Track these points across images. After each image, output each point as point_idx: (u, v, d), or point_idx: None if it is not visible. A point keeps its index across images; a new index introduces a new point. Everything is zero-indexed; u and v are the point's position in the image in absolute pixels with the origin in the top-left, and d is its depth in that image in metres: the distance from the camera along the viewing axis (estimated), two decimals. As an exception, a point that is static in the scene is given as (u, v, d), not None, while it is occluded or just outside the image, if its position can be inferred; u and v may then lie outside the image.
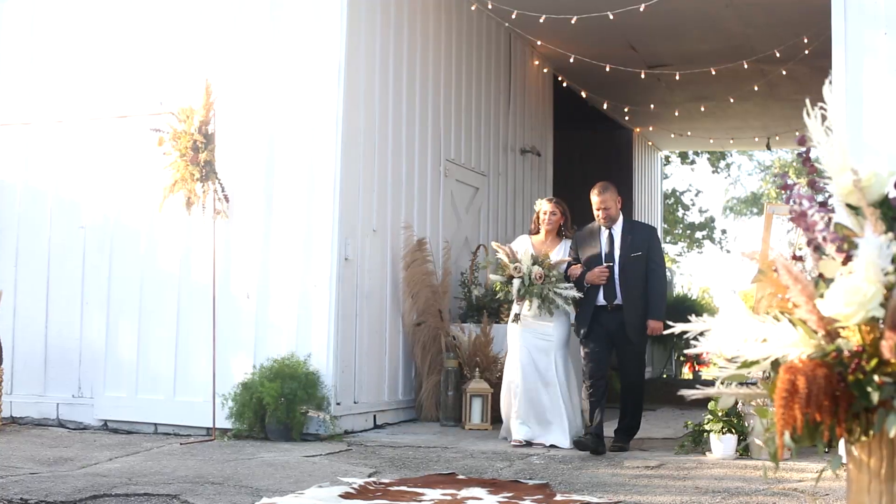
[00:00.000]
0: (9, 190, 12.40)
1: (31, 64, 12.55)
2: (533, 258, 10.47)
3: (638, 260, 10.23)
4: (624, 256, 10.24)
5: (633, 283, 10.22)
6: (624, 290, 10.20)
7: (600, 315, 10.28)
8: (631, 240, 10.31)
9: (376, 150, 11.98)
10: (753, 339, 3.68)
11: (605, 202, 10.34)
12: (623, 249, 10.27)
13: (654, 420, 13.22)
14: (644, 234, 10.54)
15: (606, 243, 10.37)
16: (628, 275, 10.21)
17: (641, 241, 10.35)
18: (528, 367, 10.58)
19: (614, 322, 10.23)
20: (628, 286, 10.20)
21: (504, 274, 10.51)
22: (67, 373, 12.04)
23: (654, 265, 10.32)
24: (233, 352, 11.23)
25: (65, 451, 9.83)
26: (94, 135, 12.15)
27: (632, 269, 10.22)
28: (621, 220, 10.49)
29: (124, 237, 11.89)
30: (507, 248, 10.64)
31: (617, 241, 10.32)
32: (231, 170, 11.26)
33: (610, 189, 10.44)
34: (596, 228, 10.47)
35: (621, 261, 10.23)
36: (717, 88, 18.44)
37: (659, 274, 10.36)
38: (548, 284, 10.39)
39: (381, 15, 12.21)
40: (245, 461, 9.19)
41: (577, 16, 13.54)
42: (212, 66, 11.49)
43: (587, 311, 10.35)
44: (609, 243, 10.35)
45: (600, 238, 10.41)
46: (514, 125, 16.51)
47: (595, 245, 10.42)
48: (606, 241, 10.37)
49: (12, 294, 12.14)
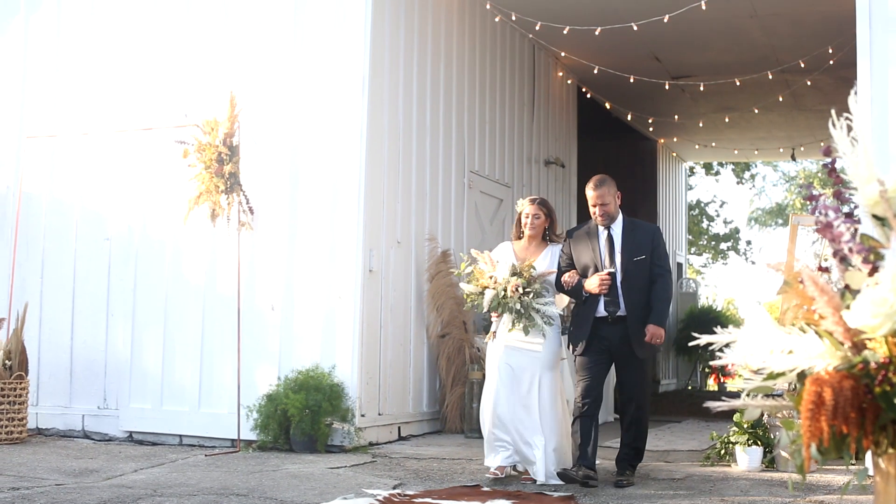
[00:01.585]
0: (35, 202, 12.45)
1: (57, 76, 12.61)
2: (513, 268, 9.03)
3: (641, 264, 8.93)
4: (626, 261, 8.93)
5: (637, 290, 8.90)
6: (627, 299, 8.88)
7: (600, 328, 8.94)
8: (633, 241, 9.00)
9: (400, 162, 11.99)
10: (779, 350, 3.66)
11: (603, 197, 8.98)
12: (625, 252, 8.95)
13: (680, 432, 13.18)
14: (647, 235, 9.12)
15: (606, 246, 9.00)
16: (632, 282, 8.90)
17: (645, 243, 9.02)
18: (506, 388, 9.10)
19: (616, 335, 8.90)
20: (632, 294, 8.88)
21: (478, 284, 9.14)
22: (93, 384, 12.08)
23: (659, 269, 8.99)
24: (257, 363, 11.25)
25: (90, 463, 9.86)
26: (120, 147, 12.20)
27: (635, 274, 8.91)
28: (621, 218, 9.13)
29: (149, 249, 11.93)
30: (487, 256, 9.27)
31: (618, 244, 8.99)
32: (256, 181, 11.29)
33: (607, 182, 9.10)
34: (593, 228, 9.08)
35: (623, 265, 8.92)
36: (742, 99, 18.40)
37: (665, 279, 9.00)
38: (525, 298, 8.91)
39: (405, 27, 12.22)
40: (270, 473, 9.19)
41: (600, 27, 13.53)
42: (236, 78, 11.53)
43: (585, 323, 8.98)
44: (609, 246, 8.99)
45: (598, 240, 9.03)
46: (539, 136, 16.50)
47: (592, 248, 9.02)
48: (605, 244, 9.00)
49: (38, 305, 12.19)
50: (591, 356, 8.96)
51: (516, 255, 9.28)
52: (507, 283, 8.92)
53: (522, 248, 9.36)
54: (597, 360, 8.97)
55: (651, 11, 13.24)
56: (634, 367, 9.00)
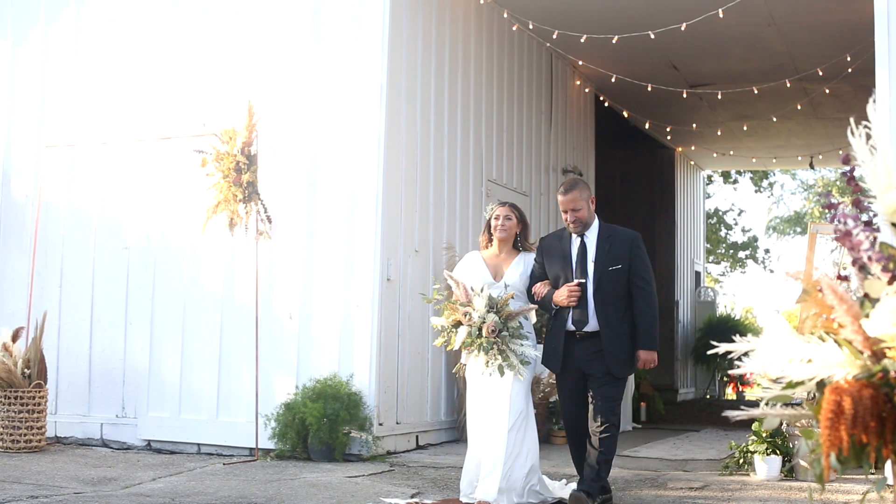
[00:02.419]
0: (54, 211, 12.49)
1: (76, 86, 12.65)
2: (490, 303, 8.04)
3: (618, 274, 8.11)
4: (600, 270, 8.10)
5: (612, 303, 8.09)
6: (600, 312, 8.07)
7: (569, 344, 8.18)
8: (609, 249, 8.17)
9: (418, 171, 12.00)
10: (798, 359, 3.66)
11: (574, 202, 8.14)
12: (599, 261, 8.13)
13: (698, 441, 13.16)
14: (625, 243, 8.25)
15: (578, 254, 8.19)
16: (605, 293, 8.09)
17: (622, 251, 8.18)
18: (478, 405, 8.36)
19: (586, 353, 8.11)
20: (606, 308, 8.08)
21: (450, 318, 8.16)
22: (111, 393, 12.10)
23: (639, 281, 8.17)
24: (275, 372, 11.26)
25: (109, 471, 9.88)
26: (138, 156, 12.23)
27: (610, 285, 8.09)
28: (597, 224, 8.31)
29: (168, 258, 11.96)
30: (462, 285, 8.18)
31: (591, 252, 8.17)
32: (273, 190, 11.30)
33: (579, 186, 8.27)
34: (566, 235, 8.31)
35: (596, 276, 8.10)
36: (760, 107, 18.37)
37: (646, 292, 8.18)
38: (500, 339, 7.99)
39: (423, 36, 12.24)
40: (288, 482, 9.20)
41: (618, 35, 13.53)
42: (254, 88, 11.56)
43: (556, 339, 8.24)
44: (581, 254, 8.19)
45: (570, 247, 8.24)
46: (556, 145, 16.49)
47: (564, 256, 8.23)
48: (578, 252, 8.19)
49: (57, 314, 12.22)
50: (567, 381, 8.31)
51: (486, 265, 8.45)
52: (483, 320, 7.97)
53: (492, 257, 8.52)
54: (573, 383, 8.27)
55: (669, 20, 13.23)
56: (606, 383, 8.12)
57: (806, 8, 14.03)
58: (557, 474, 9.70)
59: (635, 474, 9.92)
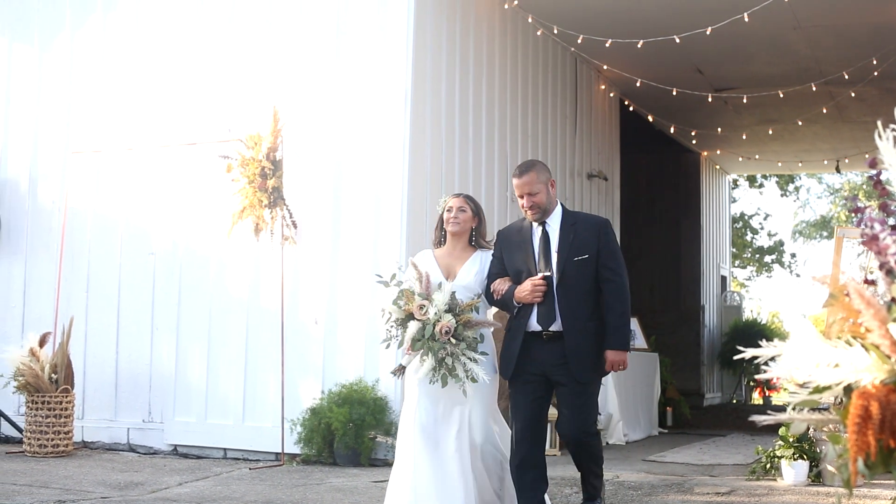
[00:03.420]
0: (80, 217, 12.54)
1: (102, 92, 12.71)
2: (451, 302, 7.02)
3: (584, 266, 7.14)
4: (563, 261, 7.13)
5: (579, 299, 7.13)
6: (565, 309, 7.08)
7: (532, 346, 7.12)
8: (574, 238, 7.19)
9: (443, 176, 12.00)
10: (825, 364, 3.64)
11: (530, 185, 7.20)
12: (563, 252, 7.16)
13: (725, 446, 13.12)
14: (591, 230, 7.27)
15: (540, 245, 7.24)
16: (571, 288, 7.11)
17: (588, 240, 7.19)
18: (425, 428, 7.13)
19: (552, 356, 7.08)
20: (571, 304, 7.09)
21: (403, 309, 7.08)
22: (138, 398, 12.14)
23: (608, 272, 7.18)
24: (301, 377, 11.28)
25: (135, 476, 9.91)
26: (164, 162, 12.27)
27: (576, 278, 7.12)
28: (559, 211, 7.35)
29: (193, 263, 11.99)
30: (425, 275, 7.17)
31: (554, 241, 7.21)
32: (299, 196, 11.32)
33: (536, 168, 7.31)
34: (526, 225, 7.35)
35: (561, 268, 7.12)
36: (785, 111, 18.31)
37: (616, 285, 7.20)
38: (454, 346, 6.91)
39: (447, 41, 12.24)
40: (314, 486, 9.21)
41: (643, 40, 13.51)
42: (279, 93, 11.59)
43: (515, 340, 7.19)
44: (543, 244, 7.24)
45: (531, 238, 7.28)
46: (581, 150, 16.47)
47: (525, 248, 7.28)
48: (540, 242, 7.24)
49: (83, 319, 12.26)
50: (521, 385, 7.18)
51: (438, 263, 7.42)
52: (439, 318, 6.91)
53: (445, 254, 7.49)
54: (530, 391, 7.14)
55: (694, 24, 13.20)
56: (575, 394, 7.11)
57: (832, 11, 13.97)
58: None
59: (661, 479, 9.90)
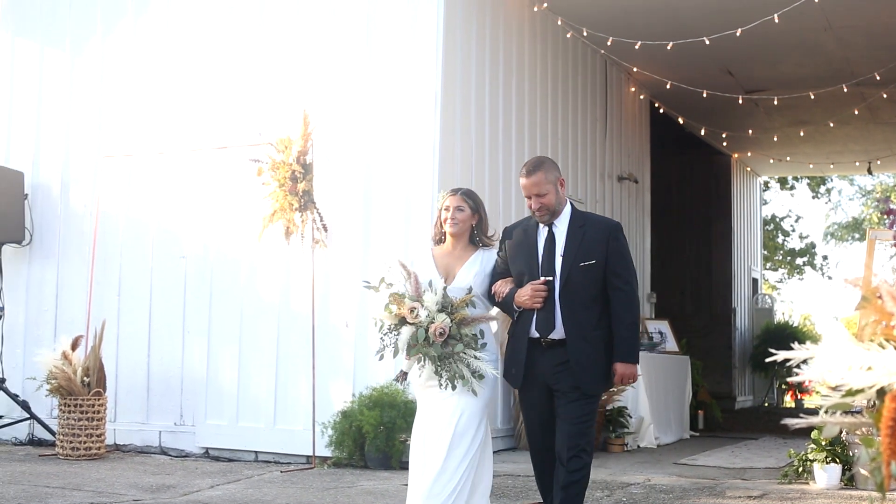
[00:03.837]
0: (112, 220, 12.59)
1: (133, 97, 12.76)
2: (444, 301, 6.68)
3: (591, 271, 6.74)
4: (568, 266, 6.75)
5: (583, 306, 6.74)
6: (567, 316, 6.72)
7: (533, 353, 6.85)
8: (581, 241, 6.80)
9: (473, 178, 12.00)
10: (858, 367, 3.62)
11: (538, 186, 6.81)
12: (568, 256, 6.78)
13: (756, 449, 13.07)
14: (601, 234, 6.85)
15: (545, 247, 6.88)
16: (574, 294, 6.72)
17: (596, 244, 6.79)
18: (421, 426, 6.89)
19: (551, 364, 6.74)
20: (575, 311, 6.72)
21: (395, 314, 6.78)
22: (169, 401, 12.18)
23: (617, 280, 6.76)
24: (332, 380, 11.29)
25: (167, 479, 9.94)
26: (195, 166, 12.32)
27: (581, 284, 6.72)
28: (568, 211, 6.94)
29: (224, 267, 12.03)
30: (414, 276, 6.85)
31: (560, 244, 6.84)
32: (329, 199, 11.34)
33: (545, 166, 6.92)
34: (532, 225, 7.02)
35: (565, 273, 6.74)
36: (817, 113, 18.24)
37: (625, 293, 6.78)
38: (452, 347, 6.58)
39: (477, 44, 12.25)
40: (345, 489, 9.22)
41: (672, 42, 13.48)
42: (309, 97, 11.61)
43: (519, 347, 6.90)
44: (549, 247, 6.87)
45: (537, 239, 6.94)
46: (611, 152, 16.45)
47: (529, 250, 6.94)
48: (545, 244, 6.88)
49: (115, 323, 12.32)
50: (529, 392, 6.95)
51: (436, 264, 7.06)
52: (431, 320, 6.59)
53: (444, 254, 7.12)
54: (537, 400, 6.89)
55: (723, 25, 13.17)
56: (574, 400, 6.72)
57: (862, 12, 13.91)
58: (615, 483, 9.68)
59: (693, 483, 9.87)
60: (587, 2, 13.60)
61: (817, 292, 50.97)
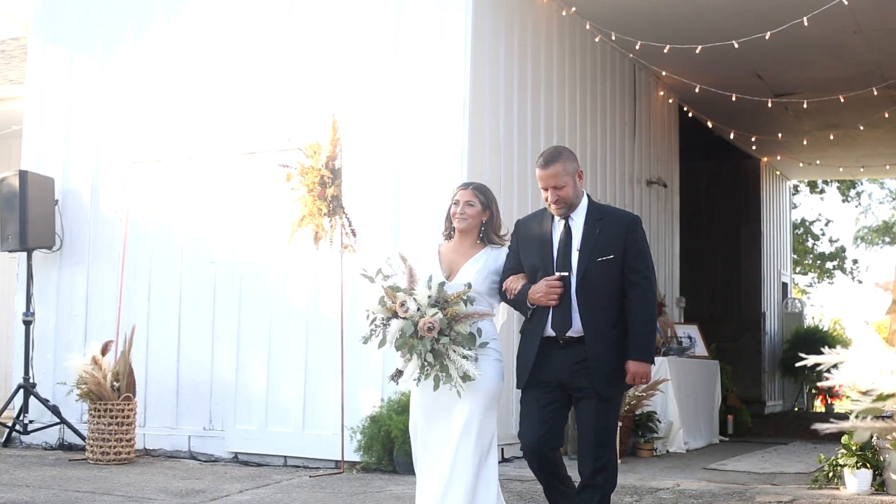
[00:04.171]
0: (141, 226, 12.64)
1: (162, 102, 12.81)
2: (438, 296, 6.48)
3: (609, 267, 6.45)
4: (586, 260, 6.46)
5: (601, 303, 6.45)
6: (585, 313, 6.43)
7: (549, 353, 6.53)
8: (599, 235, 6.50)
9: (501, 184, 11.99)
10: (889, 371, 3.61)
11: (556, 178, 6.51)
12: (585, 250, 6.48)
13: (787, 454, 13.01)
14: (619, 228, 6.56)
15: (561, 240, 6.56)
16: (593, 291, 6.44)
17: (615, 238, 6.50)
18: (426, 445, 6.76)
19: (569, 363, 6.45)
20: (592, 308, 6.43)
21: (388, 308, 6.57)
22: (199, 406, 12.21)
23: (634, 275, 6.47)
24: (361, 385, 11.29)
25: (196, 483, 9.97)
26: (224, 171, 12.35)
27: (598, 280, 6.45)
28: (585, 203, 6.65)
29: (253, 272, 12.05)
30: (409, 268, 6.66)
31: (576, 238, 6.54)
32: (358, 204, 11.35)
33: (563, 157, 6.61)
34: (547, 217, 6.70)
35: (581, 267, 6.46)
36: (847, 116, 18.16)
37: (643, 289, 6.48)
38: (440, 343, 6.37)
39: (505, 49, 12.24)
40: (374, 494, 9.23)
41: (701, 45, 13.44)
42: (338, 102, 11.62)
43: (531, 346, 6.59)
44: (565, 240, 6.55)
45: (552, 233, 6.62)
46: (640, 156, 16.41)
47: (543, 244, 6.61)
48: (561, 239, 6.56)
49: (145, 328, 12.36)
50: (536, 392, 6.59)
51: (441, 259, 6.87)
52: (422, 315, 6.41)
53: (450, 250, 6.91)
54: (545, 400, 6.55)
55: (752, 29, 13.12)
56: (594, 408, 6.47)
57: (893, 14, 13.83)
58: (644, 488, 9.65)
59: (723, 488, 9.83)
60: (616, 6, 13.57)
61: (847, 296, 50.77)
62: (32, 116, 13.53)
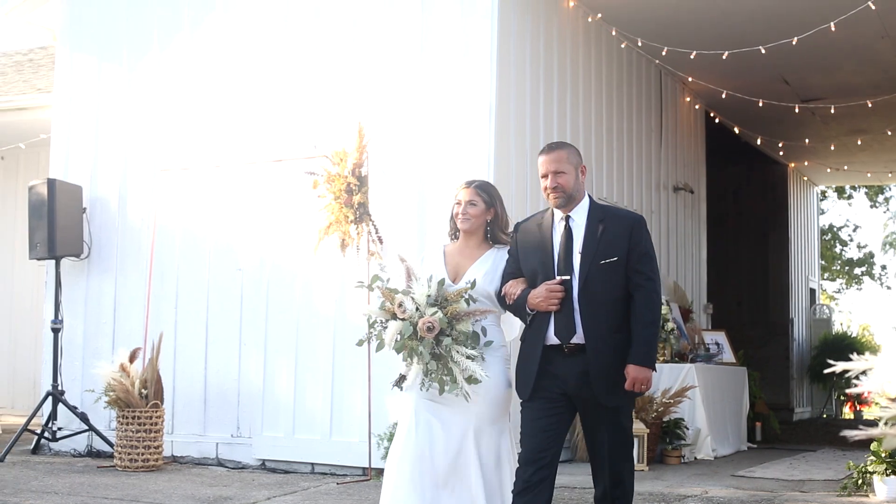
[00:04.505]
0: (169, 234, 12.68)
1: (189, 110, 12.85)
2: (435, 295, 6.31)
3: (612, 269, 6.15)
4: (588, 263, 6.16)
5: (604, 308, 6.14)
6: (588, 320, 6.12)
7: (552, 361, 6.23)
8: (601, 236, 6.20)
9: (528, 190, 11.98)
10: (918, 377, 3.59)
11: (558, 162, 6.31)
12: (587, 252, 6.19)
13: (815, 461, 12.95)
14: (623, 228, 6.24)
15: (562, 242, 6.28)
16: (595, 295, 6.14)
17: (618, 239, 6.19)
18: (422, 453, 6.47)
19: (574, 372, 6.14)
20: (595, 314, 6.12)
21: (387, 310, 6.50)
22: (226, 413, 12.23)
23: (638, 277, 6.15)
24: (388, 392, 11.24)
25: (224, 490, 9.99)
26: (251, 179, 12.38)
27: (602, 284, 6.14)
28: (586, 203, 6.37)
29: (280, 279, 12.07)
30: (407, 268, 6.59)
31: (578, 240, 6.24)
32: (384, 211, 11.35)
33: (567, 148, 6.46)
34: (547, 219, 6.41)
35: (584, 271, 6.16)
36: (874, 121, 18.08)
37: (647, 291, 6.15)
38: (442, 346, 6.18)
39: (531, 55, 12.24)
40: (400, 501, 9.21)
41: (728, 51, 13.41)
42: (364, 110, 11.63)
43: (532, 355, 6.29)
44: (566, 242, 6.27)
45: (552, 234, 6.34)
46: (667, 162, 16.38)
47: (544, 245, 6.33)
48: (562, 240, 6.28)
49: (173, 335, 12.39)
50: (539, 403, 6.27)
51: (447, 261, 6.69)
52: (421, 315, 6.22)
53: (455, 252, 6.71)
54: (548, 410, 6.24)
55: (779, 34, 13.09)
56: (604, 419, 6.21)
57: (920, 20, 13.79)
58: (672, 495, 9.63)
59: (751, 495, 9.80)
60: (642, 12, 13.55)
61: (876, 302, 50.44)
62: (60, 125, 13.60)
